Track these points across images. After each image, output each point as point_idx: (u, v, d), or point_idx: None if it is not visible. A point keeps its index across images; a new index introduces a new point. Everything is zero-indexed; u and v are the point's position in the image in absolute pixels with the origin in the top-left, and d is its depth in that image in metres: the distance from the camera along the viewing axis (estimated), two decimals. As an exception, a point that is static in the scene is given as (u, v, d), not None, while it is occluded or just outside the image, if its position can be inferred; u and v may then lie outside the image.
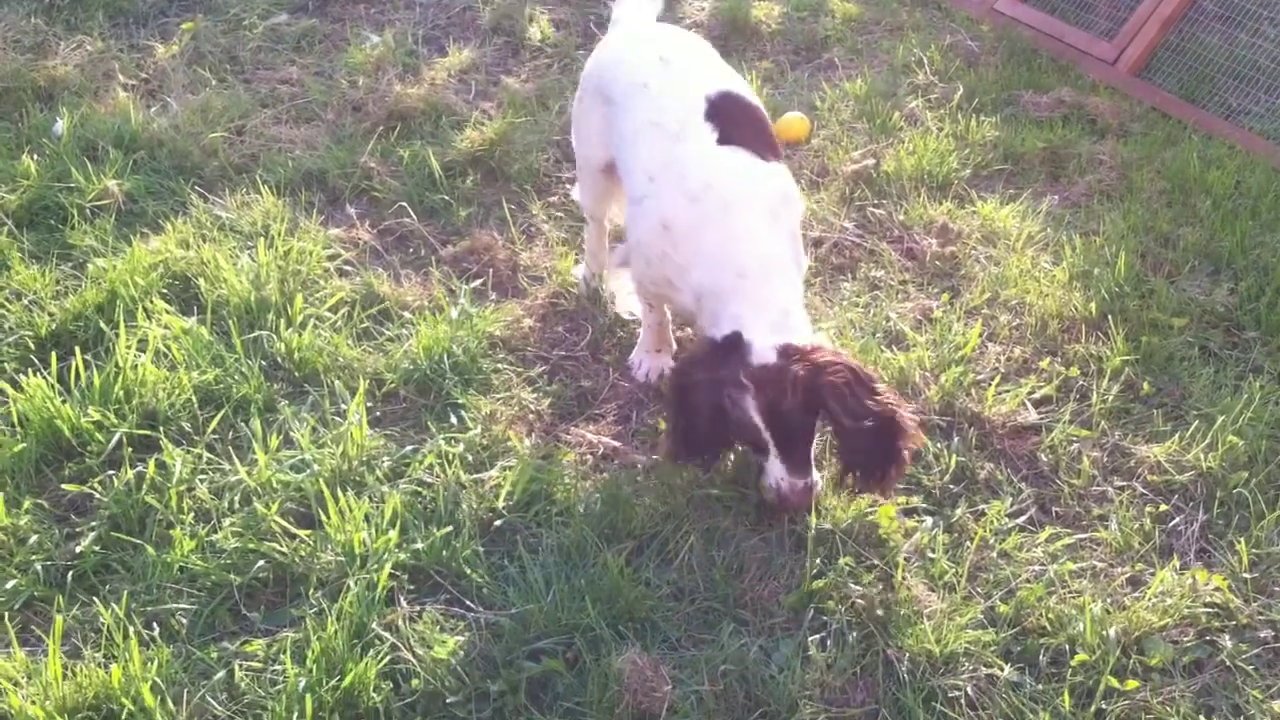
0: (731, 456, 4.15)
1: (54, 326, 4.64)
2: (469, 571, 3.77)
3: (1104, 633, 3.59)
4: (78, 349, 4.37)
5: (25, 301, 4.78)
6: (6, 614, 3.61)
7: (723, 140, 4.07)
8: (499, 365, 4.68)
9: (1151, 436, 4.42)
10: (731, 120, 4.13)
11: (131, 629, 3.47)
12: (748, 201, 3.99)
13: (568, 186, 5.78)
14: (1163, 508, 4.11)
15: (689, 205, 3.99)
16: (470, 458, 4.21)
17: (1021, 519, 4.07)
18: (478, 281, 5.12)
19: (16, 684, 3.35)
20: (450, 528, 3.87)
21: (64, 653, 3.44)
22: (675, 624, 3.65)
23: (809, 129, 6.19)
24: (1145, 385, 4.62)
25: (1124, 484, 4.23)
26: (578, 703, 3.37)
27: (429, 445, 4.23)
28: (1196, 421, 4.42)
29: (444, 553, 3.81)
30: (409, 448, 4.25)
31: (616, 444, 4.37)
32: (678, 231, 4.00)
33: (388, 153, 5.95)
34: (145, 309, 4.71)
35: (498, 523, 3.96)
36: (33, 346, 4.56)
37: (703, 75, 4.32)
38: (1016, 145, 6.14)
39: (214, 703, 3.38)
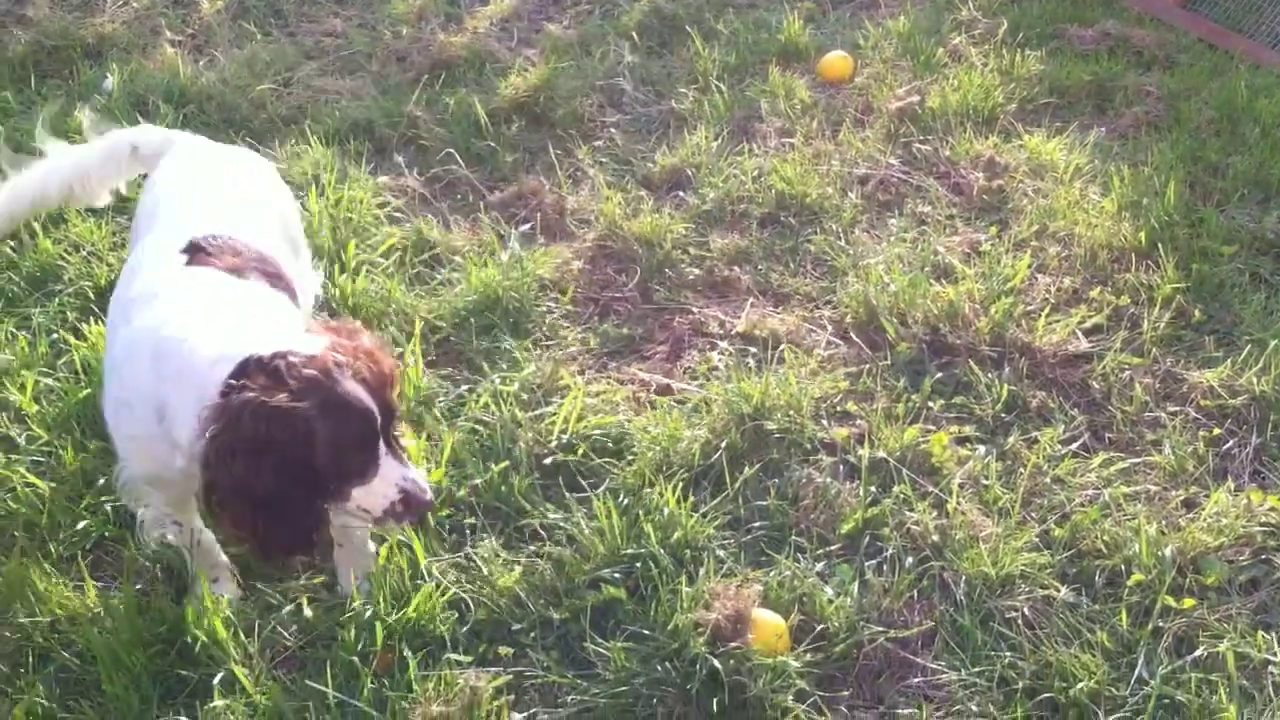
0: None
1: (112, 277, 4.72)
2: (527, 506, 3.83)
3: (1160, 553, 3.61)
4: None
5: (84, 253, 4.87)
6: (79, 553, 3.70)
7: None
8: (549, 306, 4.73)
9: (1203, 362, 4.41)
10: None
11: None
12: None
13: (612, 131, 5.81)
14: (1216, 432, 4.12)
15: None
16: (525, 396, 4.26)
17: (1074, 445, 4.09)
18: (526, 226, 5.17)
19: (91, 620, 3.44)
20: (507, 463, 3.94)
21: (136, 590, 3.53)
22: (732, 552, 3.70)
23: (852, 68, 6.17)
24: (1196, 312, 4.61)
25: (1176, 409, 4.23)
26: (640, 628, 3.42)
27: (484, 385, 4.29)
28: (1249, 347, 4.41)
29: (502, 488, 3.88)
30: (464, 388, 4.31)
31: (668, 381, 4.42)
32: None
33: (433, 101, 5.98)
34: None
35: (554, 458, 4.01)
36: (92, 296, 4.64)
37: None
38: (1062, 79, 6.09)
39: (285, 634, 3.47)
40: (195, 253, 3.28)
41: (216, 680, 3.27)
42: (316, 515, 2.93)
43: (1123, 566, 3.63)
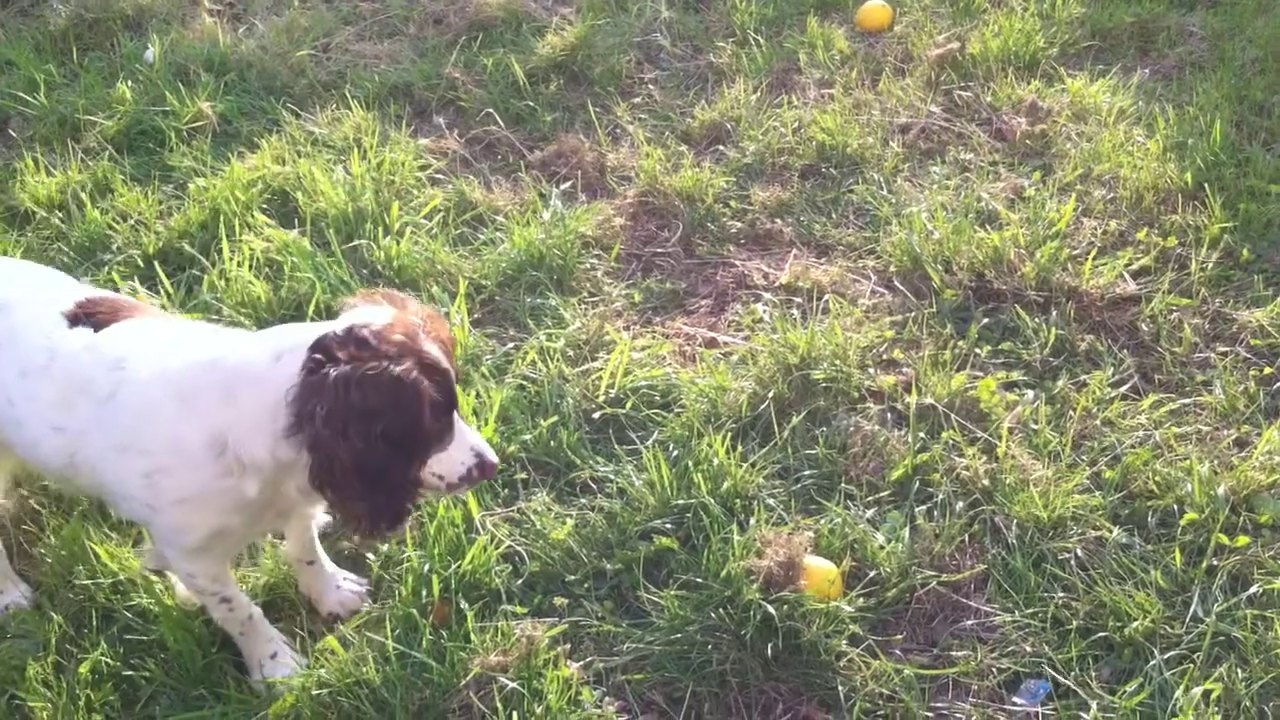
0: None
1: (160, 244, 4.78)
2: (577, 460, 3.86)
3: (1212, 492, 3.59)
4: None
5: (131, 222, 4.92)
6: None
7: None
8: (593, 263, 4.75)
9: (1253, 302, 4.37)
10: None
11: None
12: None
13: (650, 87, 5.80)
14: (1267, 370, 4.08)
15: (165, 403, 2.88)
16: (571, 352, 4.29)
17: (1124, 388, 4.06)
18: (567, 184, 5.18)
19: (152, 579, 3.50)
20: (556, 418, 3.96)
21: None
22: (782, 500, 3.72)
23: (891, 17, 6.13)
24: (1245, 252, 4.56)
25: (1226, 349, 4.20)
26: (693, 577, 3.45)
27: (530, 342, 4.31)
28: (1300, 285, 4.37)
29: (552, 442, 3.91)
30: (510, 346, 4.33)
31: (713, 334, 4.42)
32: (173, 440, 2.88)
33: (471, 62, 5.99)
34: (247, 223, 4.82)
35: (602, 413, 4.04)
36: (140, 265, 4.70)
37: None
38: (1104, 21, 6.01)
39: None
40: (85, 318, 3.08)
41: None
42: (415, 484, 2.86)
43: (1175, 506, 3.61)
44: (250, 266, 4.56)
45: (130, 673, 3.27)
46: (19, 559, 3.69)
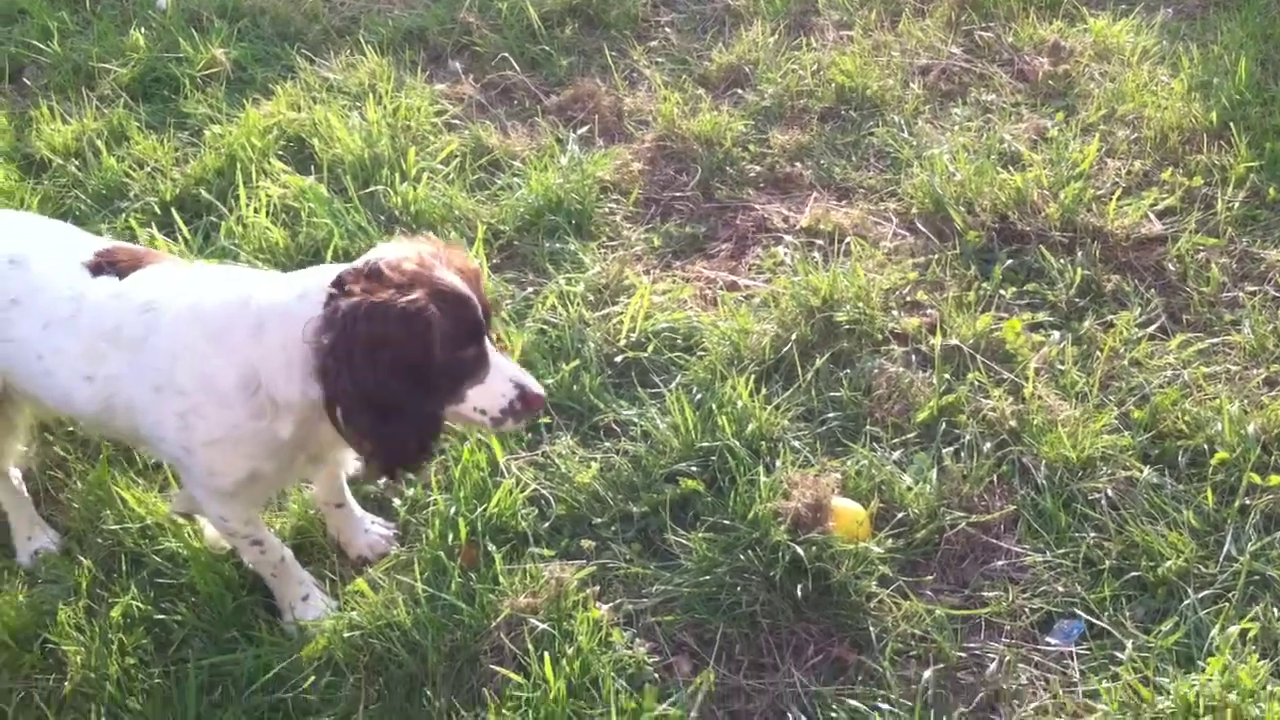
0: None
1: (177, 191, 4.74)
2: (600, 404, 3.84)
3: (1243, 431, 3.57)
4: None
5: (148, 169, 4.88)
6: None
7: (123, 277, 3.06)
8: (611, 208, 4.71)
9: (1281, 241, 4.34)
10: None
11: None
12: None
13: (667, 30, 5.73)
14: (1296, 310, 4.06)
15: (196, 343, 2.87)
16: (591, 297, 4.26)
17: (1151, 328, 4.03)
18: (584, 129, 5.13)
19: (182, 524, 3.49)
20: (578, 362, 3.94)
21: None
22: (808, 443, 3.69)
23: None
24: (1271, 191, 4.50)
25: (1255, 289, 4.16)
26: (720, 519, 3.43)
27: (550, 287, 4.28)
28: (1328, 224, 4.33)
29: (574, 387, 3.89)
30: (530, 290, 4.30)
31: (734, 277, 4.39)
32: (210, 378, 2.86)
33: (485, 6, 5.92)
34: (264, 170, 4.78)
35: (623, 356, 4.01)
36: (158, 211, 4.67)
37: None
38: (1126, -41, 5.93)
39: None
40: (108, 267, 3.08)
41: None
42: (437, 421, 2.82)
43: (1205, 446, 3.58)
44: (267, 213, 4.52)
45: (162, 616, 3.27)
46: (46, 505, 3.69)
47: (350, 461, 3.29)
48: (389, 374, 2.64)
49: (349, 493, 3.43)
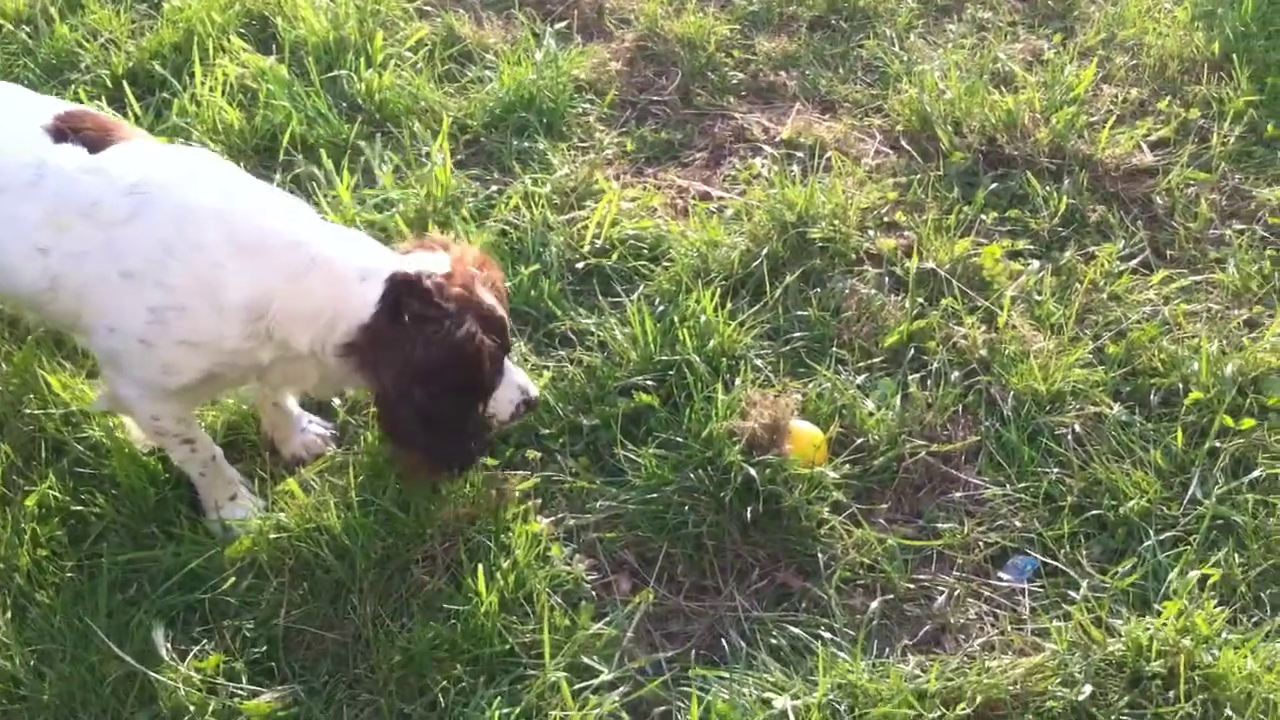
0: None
1: (130, 65, 4.53)
2: (558, 311, 3.69)
3: (1220, 372, 3.44)
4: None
5: (101, 41, 4.67)
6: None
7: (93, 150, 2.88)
8: (585, 108, 4.52)
9: (1274, 179, 4.18)
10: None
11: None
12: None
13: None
14: (1284, 250, 3.91)
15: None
16: (557, 199, 4.09)
17: (1134, 262, 3.89)
18: (562, 24, 4.92)
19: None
20: (538, 266, 3.78)
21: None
22: (770, 362, 3.55)
23: None
24: (1269, 127, 4.34)
25: (1243, 227, 4.02)
26: (673, 436, 3.30)
27: (515, 186, 4.11)
28: (1325, 164, 4.17)
29: (532, 292, 3.73)
30: (494, 189, 4.13)
31: (707, 188, 4.22)
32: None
33: (465, -112, 5.66)
34: (222, 47, 4.57)
35: (586, 263, 3.85)
36: (109, 85, 4.46)
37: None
38: (1134, -121, 5.70)
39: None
40: (72, 134, 2.90)
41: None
42: (479, 423, 2.99)
43: (1180, 385, 3.46)
44: (224, 92, 4.33)
45: (79, 508, 3.12)
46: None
47: (295, 395, 3.27)
48: (446, 396, 2.80)
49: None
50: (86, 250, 2.76)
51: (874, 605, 2.99)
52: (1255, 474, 3.23)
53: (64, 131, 2.89)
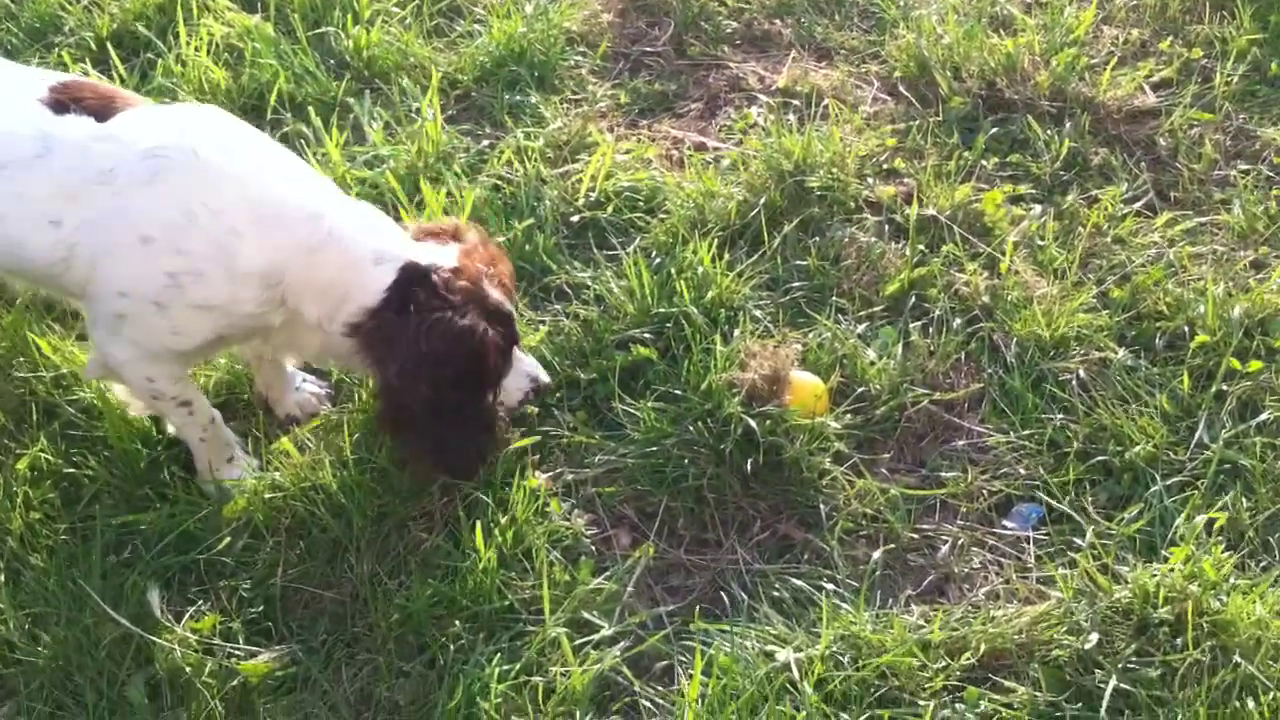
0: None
1: (115, 26, 4.46)
2: (553, 265, 3.64)
3: (1226, 315, 3.39)
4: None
5: (84, 3, 4.59)
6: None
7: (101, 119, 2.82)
8: (577, 61, 4.45)
9: (1278, 119, 4.11)
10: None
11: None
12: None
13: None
14: (1290, 190, 3.85)
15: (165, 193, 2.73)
16: (550, 153, 4.03)
17: (1138, 204, 3.83)
18: (552, -25, 4.83)
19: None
20: (532, 220, 3.72)
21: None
22: (769, 312, 3.50)
23: None
24: (1273, 66, 4.28)
25: (1248, 167, 3.95)
26: (672, 389, 3.25)
27: (507, 140, 4.04)
28: (1329, 101, 4.10)
29: (527, 246, 3.67)
30: (485, 144, 4.07)
31: (702, 138, 4.16)
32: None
33: None
34: (207, 6, 4.50)
35: (581, 216, 3.80)
36: (93, 47, 4.39)
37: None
38: None
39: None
40: (73, 104, 2.84)
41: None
42: (489, 412, 3.00)
43: (1185, 328, 3.41)
44: (209, 52, 4.25)
45: (71, 470, 3.09)
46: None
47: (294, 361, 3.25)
48: (451, 388, 2.81)
49: None
50: (103, 217, 2.71)
51: (877, 556, 2.96)
52: (1262, 417, 3.19)
53: (64, 103, 2.83)
